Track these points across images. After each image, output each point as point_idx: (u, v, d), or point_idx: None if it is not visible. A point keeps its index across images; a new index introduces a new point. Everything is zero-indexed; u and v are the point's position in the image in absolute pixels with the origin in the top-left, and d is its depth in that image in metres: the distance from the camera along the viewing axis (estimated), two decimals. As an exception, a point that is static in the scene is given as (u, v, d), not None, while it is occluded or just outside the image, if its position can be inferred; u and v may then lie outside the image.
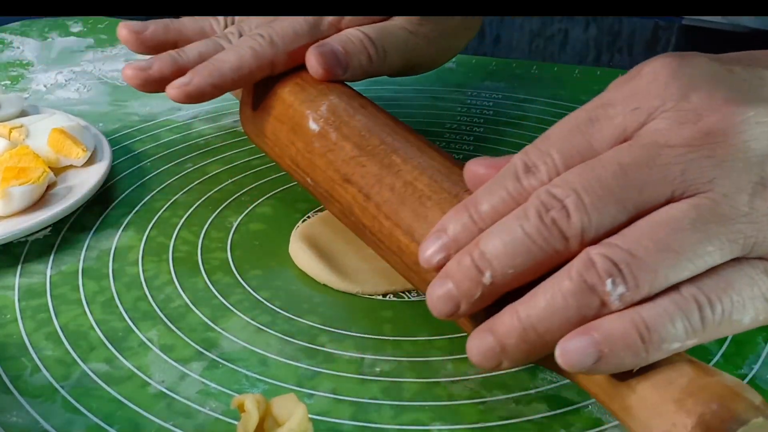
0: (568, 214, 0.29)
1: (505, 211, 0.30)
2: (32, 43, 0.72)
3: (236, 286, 0.41)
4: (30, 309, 0.40)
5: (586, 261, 0.28)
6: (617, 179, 0.29)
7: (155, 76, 0.45)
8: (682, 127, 0.29)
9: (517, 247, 0.29)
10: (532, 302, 0.29)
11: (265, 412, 0.29)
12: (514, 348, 0.29)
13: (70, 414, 0.33)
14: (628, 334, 0.27)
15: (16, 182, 0.44)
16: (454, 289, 0.30)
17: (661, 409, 0.27)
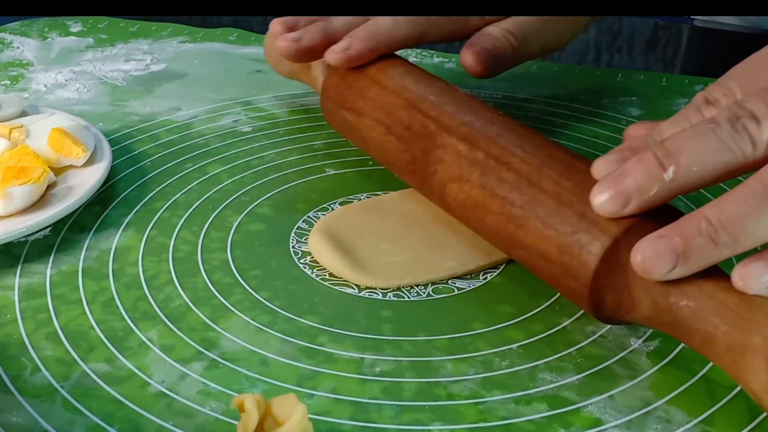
0: (758, 122, 0.30)
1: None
2: (32, 43, 0.72)
3: (236, 286, 0.41)
4: (30, 309, 0.40)
5: None
6: None
7: (307, 46, 0.49)
8: None
9: (706, 146, 0.31)
10: (722, 205, 0.30)
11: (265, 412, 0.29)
12: (700, 250, 0.30)
13: (70, 414, 0.33)
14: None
15: (16, 182, 0.44)
16: (631, 183, 0.31)
17: None
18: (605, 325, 0.38)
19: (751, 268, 0.30)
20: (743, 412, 0.33)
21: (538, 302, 0.40)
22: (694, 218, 0.31)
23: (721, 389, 0.35)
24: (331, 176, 0.51)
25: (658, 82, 0.64)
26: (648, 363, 0.36)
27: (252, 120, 0.58)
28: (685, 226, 0.31)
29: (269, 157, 0.53)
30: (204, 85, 0.64)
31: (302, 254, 0.44)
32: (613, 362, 0.36)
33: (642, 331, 0.38)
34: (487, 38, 0.50)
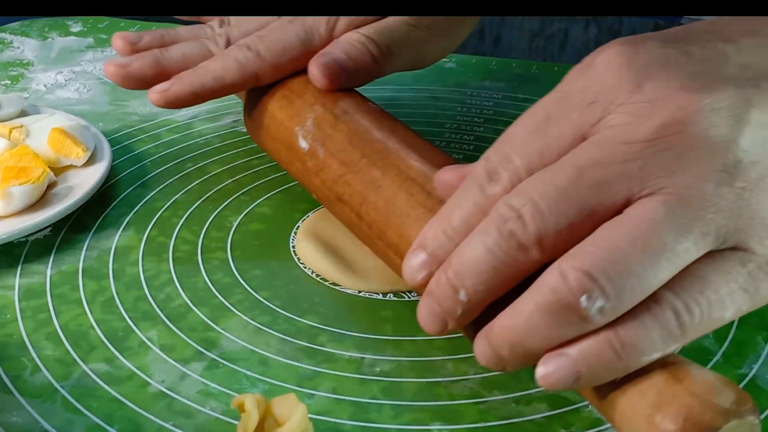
0: (524, 223, 0.28)
1: (474, 222, 0.30)
2: (32, 43, 0.72)
3: (236, 286, 0.41)
4: (30, 309, 0.40)
5: (557, 276, 0.27)
6: (573, 182, 0.28)
7: (135, 73, 0.46)
8: (638, 122, 0.28)
9: (481, 264, 0.29)
10: (515, 316, 0.28)
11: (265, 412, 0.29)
12: (510, 359, 0.29)
13: (70, 414, 0.33)
14: (603, 353, 0.27)
15: (16, 182, 0.44)
16: (438, 307, 0.30)
17: (635, 425, 0.27)
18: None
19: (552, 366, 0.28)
20: (743, 412, 0.33)
21: (539, 302, 0.40)
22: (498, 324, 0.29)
23: (721, 389, 0.35)
24: (331, 176, 0.51)
25: (659, 82, 0.64)
26: (648, 363, 0.36)
27: (252, 120, 0.58)
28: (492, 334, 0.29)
29: (269, 157, 0.53)
30: (204, 85, 0.64)
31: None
32: (614, 362, 0.36)
33: (642, 330, 0.38)
34: (341, 46, 0.44)
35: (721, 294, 0.27)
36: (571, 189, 0.28)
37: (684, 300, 0.27)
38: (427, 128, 0.57)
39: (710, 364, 0.36)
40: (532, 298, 0.28)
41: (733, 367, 0.36)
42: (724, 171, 0.27)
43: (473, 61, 0.68)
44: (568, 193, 0.28)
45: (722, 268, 0.27)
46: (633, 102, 0.29)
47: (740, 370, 0.36)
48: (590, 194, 0.28)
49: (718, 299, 0.27)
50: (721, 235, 0.27)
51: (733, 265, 0.28)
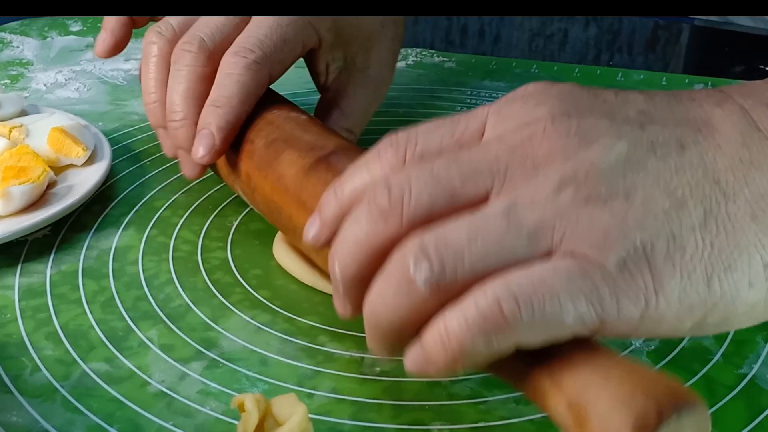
0: (389, 196, 0.29)
1: (364, 191, 0.31)
2: (32, 43, 0.72)
3: (236, 286, 0.41)
4: (30, 308, 0.40)
5: (398, 245, 0.29)
6: (447, 167, 0.29)
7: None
8: (521, 130, 0.29)
9: (353, 238, 0.30)
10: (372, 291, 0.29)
11: (266, 412, 0.29)
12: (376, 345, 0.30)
13: (70, 414, 0.33)
14: (435, 343, 0.28)
15: (16, 181, 0.44)
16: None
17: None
18: (605, 324, 0.38)
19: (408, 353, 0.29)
20: (743, 412, 0.33)
21: (539, 302, 0.40)
22: None
23: (721, 388, 0.35)
24: (331, 176, 0.51)
25: (658, 82, 0.64)
26: (648, 362, 0.36)
27: (252, 119, 0.58)
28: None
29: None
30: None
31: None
32: (614, 362, 0.36)
33: (642, 330, 0.38)
34: None
35: (556, 292, 0.27)
36: (443, 173, 0.29)
37: (512, 290, 0.27)
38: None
39: (710, 363, 0.36)
40: (381, 269, 0.29)
41: (733, 366, 0.36)
42: (573, 178, 0.28)
43: (473, 61, 0.68)
44: (439, 176, 0.29)
45: (561, 269, 0.27)
46: (528, 122, 0.30)
47: (740, 370, 0.36)
48: (456, 180, 0.29)
49: (553, 298, 0.27)
50: (558, 237, 0.28)
51: (573, 269, 0.27)
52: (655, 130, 0.30)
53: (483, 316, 0.27)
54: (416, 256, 0.28)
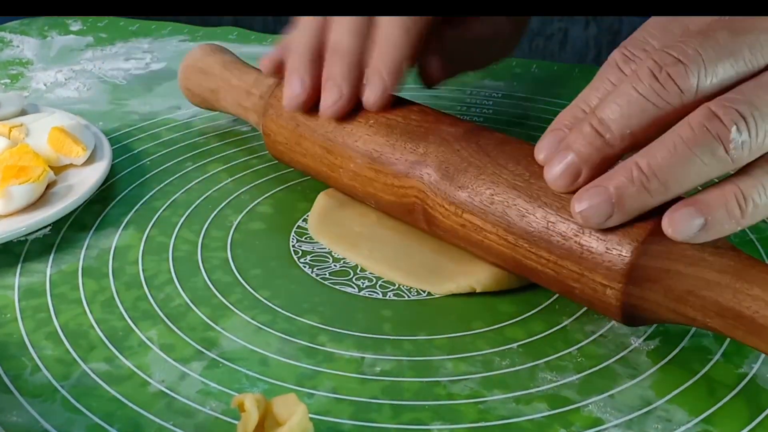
0: (685, 67, 0.31)
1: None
2: (32, 42, 0.72)
3: (236, 285, 0.41)
4: (30, 308, 0.40)
5: (707, 113, 0.30)
6: (731, 38, 0.31)
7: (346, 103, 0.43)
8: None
9: (633, 106, 0.31)
10: (652, 153, 0.31)
11: (265, 412, 0.29)
12: (633, 197, 0.31)
13: (70, 413, 0.33)
14: (729, 204, 0.30)
15: (16, 181, 0.44)
16: (576, 157, 0.32)
17: None
18: (605, 324, 0.38)
19: (679, 213, 0.31)
20: (744, 411, 0.33)
21: (538, 301, 0.40)
22: (626, 167, 0.32)
23: (721, 388, 0.35)
24: (331, 175, 0.51)
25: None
26: (648, 362, 0.36)
27: (252, 119, 0.58)
28: (617, 176, 0.32)
29: (269, 156, 0.53)
30: (204, 84, 0.64)
31: (302, 254, 0.44)
32: (614, 361, 0.36)
33: (642, 330, 0.38)
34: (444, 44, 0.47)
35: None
36: (731, 43, 0.31)
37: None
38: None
39: (710, 363, 0.36)
40: (678, 134, 0.31)
41: (733, 366, 0.36)
42: None
43: (473, 61, 0.68)
44: (726, 46, 0.31)
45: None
46: None
47: (740, 370, 0.36)
48: (745, 50, 0.31)
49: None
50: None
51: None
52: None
53: None
54: (736, 119, 0.30)
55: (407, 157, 0.40)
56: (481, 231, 0.38)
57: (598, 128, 0.32)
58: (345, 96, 0.42)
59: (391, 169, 0.41)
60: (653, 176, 0.31)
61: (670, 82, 0.31)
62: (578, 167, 0.33)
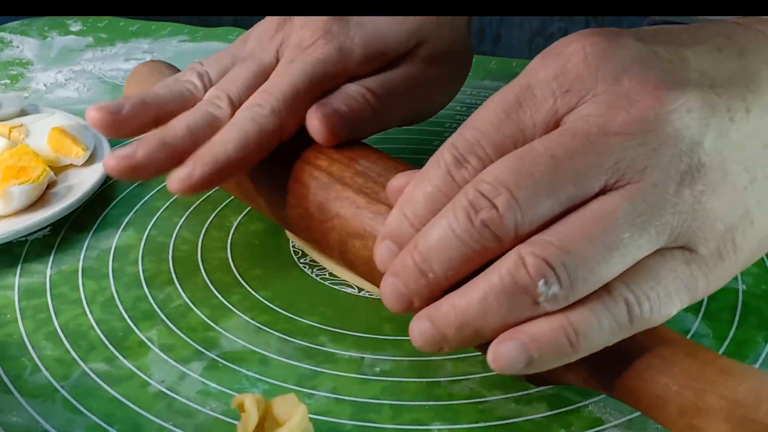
0: (499, 214, 0.28)
1: (438, 208, 0.30)
2: (32, 42, 0.72)
3: (236, 286, 0.41)
4: (30, 309, 0.40)
5: (517, 261, 0.28)
6: (550, 172, 0.28)
7: (143, 162, 0.39)
8: (616, 113, 0.29)
9: (452, 250, 0.29)
10: (467, 297, 0.29)
11: (266, 412, 0.29)
12: (453, 338, 0.29)
13: (70, 414, 0.33)
14: (556, 339, 0.28)
15: (16, 181, 0.44)
16: (404, 288, 0.30)
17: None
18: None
19: (504, 348, 0.28)
20: (743, 412, 0.33)
21: (539, 302, 0.40)
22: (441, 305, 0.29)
23: (721, 389, 0.35)
24: (331, 176, 0.51)
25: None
26: (648, 363, 0.36)
27: (252, 119, 0.58)
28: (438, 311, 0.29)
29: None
30: (204, 85, 0.64)
31: (302, 254, 0.44)
32: (614, 362, 0.36)
33: (642, 330, 0.38)
34: (341, 97, 0.41)
35: (669, 290, 0.29)
36: (549, 179, 0.28)
37: (635, 293, 0.28)
38: (427, 127, 0.57)
39: (710, 364, 0.36)
40: (488, 281, 0.28)
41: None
42: (688, 172, 0.28)
43: (473, 61, 0.68)
44: (546, 183, 0.28)
45: (671, 266, 0.29)
46: (611, 93, 0.29)
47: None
48: (568, 185, 0.28)
49: (667, 295, 0.28)
50: (674, 235, 0.28)
51: (679, 263, 0.29)
52: (725, 94, 0.30)
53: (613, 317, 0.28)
54: (542, 272, 0.27)
55: None
56: None
57: (421, 266, 0.30)
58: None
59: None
60: (465, 324, 0.29)
61: (485, 228, 0.28)
62: (409, 297, 0.30)
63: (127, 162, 0.39)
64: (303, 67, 0.41)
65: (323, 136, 0.40)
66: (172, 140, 0.39)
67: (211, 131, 0.40)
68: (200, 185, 0.38)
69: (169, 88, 0.43)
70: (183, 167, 0.38)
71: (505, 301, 0.28)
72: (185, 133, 0.40)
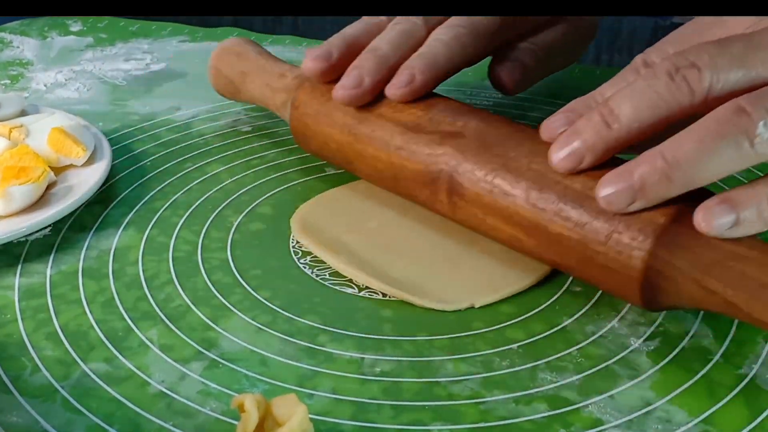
0: (699, 72, 0.32)
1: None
2: (32, 42, 0.72)
3: (236, 286, 0.41)
4: (30, 309, 0.40)
5: (736, 107, 0.31)
6: (744, 50, 0.32)
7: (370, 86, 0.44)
8: None
9: (643, 102, 0.32)
10: (678, 143, 0.32)
11: (266, 413, 0.29)
12: (655, 186, 0.32)
13: (70, 414, 0.33)
14: (761, 204, 0.31)
15: (16, 182, 0.44)
16: (581, 144, 0.34)
17: None
18: (606, 325, 0.38)
19: (713, 210, 0.32)
20: (743, 412, 0.33)
21: (539, 302, 0.40)
22: (652, 156, 0.33)
23: (721, 388, 0.35)
24: (331, 176, 0.51)
25: (658, 82, 0.64)
26: (648, 362, 0.36)
27: (252, 120, 0.58)
28: (642, 164, 0.33)
29: (269, 157, 0.53)
30: (204, 85, 0.63)
31: (302, 254, 0.44)
32: (614, 362, 0.36)
33: (642, 330, 0.38)
34: (519, 53, 0.50)
35: None
36: (744, 55, 0.32)
37: None
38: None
39: (710, 363, 0.36)
40: (704, 127, 0.32)
41: (733, 367, 0.36)
42: None
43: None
44: (740, 56, 0.32)
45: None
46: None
47: (740, 370, 0.36)
48: (757, 64, 0.32)
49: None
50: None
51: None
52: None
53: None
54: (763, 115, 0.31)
55: (445, 128, 0.42)
56: (509, 196, 0.38)
57: (607, 117, 0.33)
58: (365, 86, 0.44)
59: (425, 138, 0.42)
60: (677, 166, 0.32)
61: (683, 83, 0.32)
62: (582, 154, 0.34)
63: (358, 91, 0.44)
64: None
65: (509, 87, 0.49)
66: (386, 59, 0.44)
67: (412, 42, 0.45)
68: (421, 90, 0.43)
69: (357, 27, 0.47)
70: (401, 77, 0.43)
71: (723, 143, 0.31)
72: (392, 49, 0.44)
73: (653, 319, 0.38)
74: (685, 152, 0.32)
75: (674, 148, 0.32)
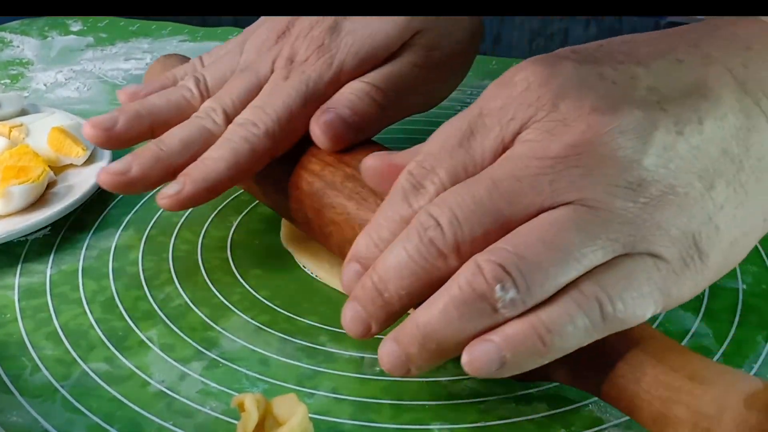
0: (442, 231, 0.30)
1: (399, 231, 0.32)
2: (32, 42, 0.72)
3: (236, 286, 0.41)
4: (30, 308, 0.40)
5: (473, 268, 0.29)
6: (489, 192, 0.30)
7: (137, 178, 0.40)
8: (552, 139, 0.30)
9: (403, 269, 0.30)
10: (429, 311, 0.30)
11: (266, 412, 0.29)
12: (418, 356, 0.30)
13: (70, 414, 0.33)
14: (528, 338, 0.28)
15: (16, 181, 0.44)
16: (363, 312, 0.31)
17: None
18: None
19: (479, 350, 0.29)
20: (743, 412, 0.33)
21: (539, 302, 0.40)
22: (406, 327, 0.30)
23: (721, 389, 0.35)
24: (331, 176, 0.51)
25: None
26: (648, 363, 0.36)
27: (252, 119, 0.58)
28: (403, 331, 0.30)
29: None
30: (204, 85, 0.64)
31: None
32: (614, 362, 0.36)
33: (642, 330, 0.38)
34: (345, 100, 0.41)
35: (642, 291, 0.29)
36: (486, 199, 0.30)
37: (608, 293, 0.29)
38: (427, 128, 0.57)
39: (710, 363, 0.36)
40: (448, 292, 0.29)
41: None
42: (628, 187, 0.29)
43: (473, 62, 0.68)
44: (483, 202, 0.30)
45: (641, 268, 0.29)
46: (548, 120, 0.30)
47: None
48: (503, 204, 0.30)
49: (640, 296, 0.29)
50: (629, 243, 0.29)
51: (649, 266, 0.29)
52: (675, 108, 0.30)
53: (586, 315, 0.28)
54: (499, 277, 0.28)
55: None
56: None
57: (378, 286, 0.31)
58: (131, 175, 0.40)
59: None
60: (428, 338, 0.29)
61: (431, 245, 0.30)
62: (367, 321, 0.32)
63: (122, 178, 0.40)
64: (297, 86, 0.41)
65: (327, 145, 0.40)
66: (167, 155, 0.40)
67: (205, 146, 0.41)
68: (189, 202, 0.39)
69: (165, 98, 0.44)
70: (173, 184, 0.39)
71: (465, 310, 0.29)
72: (179, 149, 0.41)
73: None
74: (433, 324, 0.29)
75: (426, 314, 0.30)
